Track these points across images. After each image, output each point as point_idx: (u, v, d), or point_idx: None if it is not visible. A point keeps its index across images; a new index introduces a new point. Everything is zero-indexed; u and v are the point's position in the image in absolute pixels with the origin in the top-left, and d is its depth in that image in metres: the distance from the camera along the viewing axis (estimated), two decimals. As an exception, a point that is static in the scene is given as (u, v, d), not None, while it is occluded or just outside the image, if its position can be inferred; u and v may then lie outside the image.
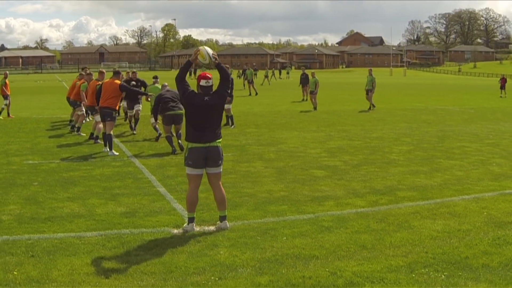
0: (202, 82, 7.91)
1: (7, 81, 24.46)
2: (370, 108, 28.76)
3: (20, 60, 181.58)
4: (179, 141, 14.69)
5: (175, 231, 7.81)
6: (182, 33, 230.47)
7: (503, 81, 46.99)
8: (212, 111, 7.83)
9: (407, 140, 17.42)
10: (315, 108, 28.03)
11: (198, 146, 7.77)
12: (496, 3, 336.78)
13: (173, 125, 14.94)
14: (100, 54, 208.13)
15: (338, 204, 9.48)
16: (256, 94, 40.47)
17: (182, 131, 12.33)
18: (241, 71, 61.38)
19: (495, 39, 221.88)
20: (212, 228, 7.89)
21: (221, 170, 8.15)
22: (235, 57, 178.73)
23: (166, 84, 16.28)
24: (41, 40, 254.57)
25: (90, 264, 6.46)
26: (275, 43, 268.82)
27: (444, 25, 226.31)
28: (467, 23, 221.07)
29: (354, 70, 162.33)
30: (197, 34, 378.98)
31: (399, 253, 6.98)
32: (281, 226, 8.12)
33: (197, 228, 7.82)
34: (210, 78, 7.89)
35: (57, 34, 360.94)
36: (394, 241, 7.45)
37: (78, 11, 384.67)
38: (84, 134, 17.46)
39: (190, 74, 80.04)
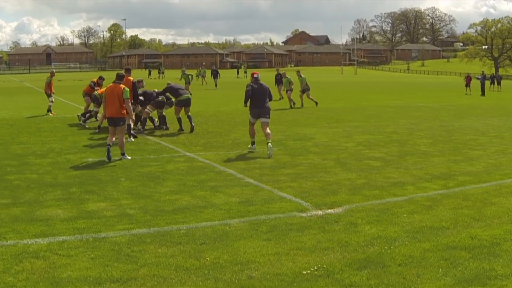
0: (256, 75, 14.67)
1: (52, 80, 25.08)
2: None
3: None
4: (192, 123, 18.64)
5: (303, 214, 8.69)
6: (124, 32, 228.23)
7: (468, 79, 49.08)
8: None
9: (421, 134, 18.59)
10: (292, 106, 29.20)
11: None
12: (437, 3, 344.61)
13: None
14: (47, 55, 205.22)
15: (418, 188, 10.63)
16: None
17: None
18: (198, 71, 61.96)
19: (441, 37, 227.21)
20: (331, 211, 8.89)
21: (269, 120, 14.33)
22: (184, 57, 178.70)
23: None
24: None
25: (263, 246, 7.22)
26: (220, 42, 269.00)
27: (390, 24, 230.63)
28: (413, 22, 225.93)
29: (302, 69, 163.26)
30: (139, 34, 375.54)
31: (505, 220, 8.30)
32: (391, 207, 9.17)
33: (320, 212, 8.76)
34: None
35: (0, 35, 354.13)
36: (493, 213, 8.74)
37: (19, 12, 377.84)
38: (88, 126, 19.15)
39: (149, 74, 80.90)
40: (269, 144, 13.79)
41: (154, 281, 5.90)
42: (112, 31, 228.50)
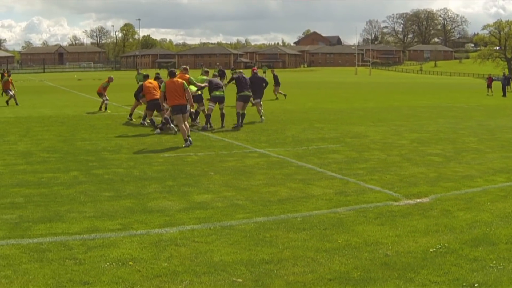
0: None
1: (109, 84, 26.72)
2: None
3: None
4: (223, 122, 19.75)
5: (398, 203, 9.40)
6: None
7: (490, 80, 49.76)
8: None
9: (464, 132, 19.26)
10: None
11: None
12: (447, 3, 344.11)
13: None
14: (59, 55, 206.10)
15: (487, 181, 11.31)
16: None
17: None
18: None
19: (452, 38, 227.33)
20: (420, 200, 9.63)
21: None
22: (198, 57, 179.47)
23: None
24: None
25: (381, 229, 7.94)
26: (230, 42, 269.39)
27: (401, 25, 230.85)
28: (425, 23, 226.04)
29: (316, 69, 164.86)
30: (148, 34, 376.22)
31: None
32: (472, 196, 9.85)
33: (411, 201, 9.57)
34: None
35: (9, 35, 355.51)
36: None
37: (29, 12, 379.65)
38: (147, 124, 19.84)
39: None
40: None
41: (304, 262, 6.49)
42: (124, 31, 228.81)
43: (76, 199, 9.33)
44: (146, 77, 22.24)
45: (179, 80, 15.77)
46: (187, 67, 20.47)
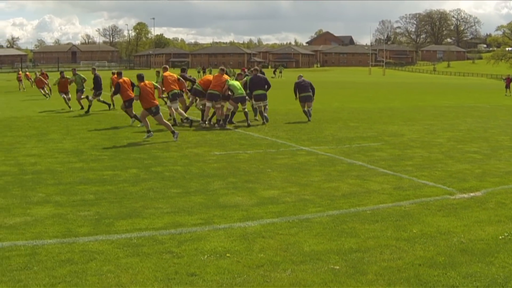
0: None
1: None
2: None
3: None
4: (310, 117, 22.03)
5: (454, 197, 9.93)
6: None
7: (508, 80, 50.08)
8: None
9: (495, 131, 19.69)
10: None
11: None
12: (458, 3, 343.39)
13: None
14: (72, 53, 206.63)
15: (538, 175, 11.74)
16: None
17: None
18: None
19: (465, 39, 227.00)
20: (473, 194, 10.09)
21: None
22: (211, 56, 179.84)
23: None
24: (12, 38, 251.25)
25: (448, 220, 8.39)
26: (242, 42, 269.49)
27: (414, 25, 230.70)
28: (438, 23, 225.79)
29: (330, 69, 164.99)
30: (160, 33, 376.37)
31: None
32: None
33: (465, 195, 10.07)
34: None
35: (21, 33, 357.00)
36: None
37: (41, 10, 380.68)
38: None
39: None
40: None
41: (390, 249, 6.95)
42: (137, 30, 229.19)
43: (147, 196, 9.67)
44: (119, 74, 22.87)
45: (151, 82, 16.70)
46: (224, 68, 21.06)
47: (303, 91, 22.36)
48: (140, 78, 16.97)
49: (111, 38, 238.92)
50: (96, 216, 8.31)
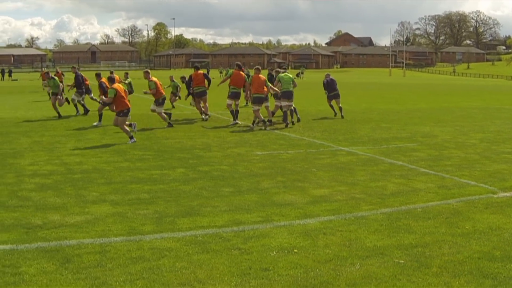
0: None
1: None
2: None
3: (12, 58, 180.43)
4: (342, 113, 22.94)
5: (497, 195, 10.16)
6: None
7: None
8: None
9: (526, 133, 19.93)
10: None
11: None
12: (476, 3, 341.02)
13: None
14: (92, 53, 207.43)
15: None
16: None
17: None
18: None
19: (484, 40, 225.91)
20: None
21: None
22: (231, 57, 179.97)
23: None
24: (31, 38, 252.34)
25: (497, 218, 8.66)
26: (261, 42, 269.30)
27: (433, 27, 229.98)
28: (457, 25, 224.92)
29: (349, 70, 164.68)
30: (178, 33, 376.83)
31: None
32: None
33: (507, 194, 10.33)
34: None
35: (39, 33, 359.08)
36: None
37: (59, 10, 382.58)
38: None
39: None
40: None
41: (447, 244, 7.29)
42: (156, 30, 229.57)
43: (201, 195, 9.94)
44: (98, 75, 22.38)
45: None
46: (260, 68, 21.55)
47: (333, 89, 23.58)
48: (111, 80, 17.36)
49: (131, 38, 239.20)
50: (156, 215, 8.58)
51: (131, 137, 16.21)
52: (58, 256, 6.70)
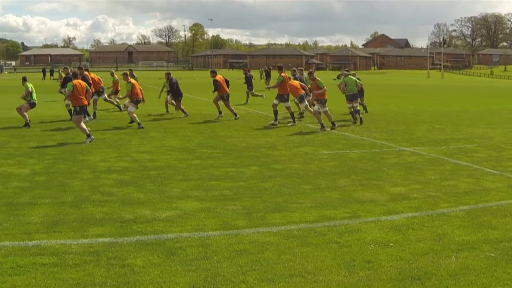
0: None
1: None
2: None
3: (49, 58, 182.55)
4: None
5: None
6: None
7: None
8: None
9: None
10: None
11: None
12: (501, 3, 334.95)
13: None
14: (129, 53, 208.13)
15: None
16: None
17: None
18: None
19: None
20: None
21: None
22: (269, 58, 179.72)
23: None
24: (68, 38, 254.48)
25: None
26: (300, 43, 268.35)
27: (470, 28, 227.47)
28: (493, 27, 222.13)
29: (387, 72, 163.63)
30: (217, 34, 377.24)
31: None
32: None
33: None
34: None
35: (75, 33, 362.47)
36: None
37: (94, 10, 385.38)
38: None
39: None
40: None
41: None
42: (193, 31, 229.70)
43: (282, 192, 10.21)
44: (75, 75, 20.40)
45: (83, 82, 16.90)
46: (302, 68, 22.39)
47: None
48: (75, 75, 17.58)
49: (167, 39, 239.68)
50: (245, 210, 8.85)
51: (88, 136, 16.19)
52: (161, 249, 6.96)
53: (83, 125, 16.40)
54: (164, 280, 6.00)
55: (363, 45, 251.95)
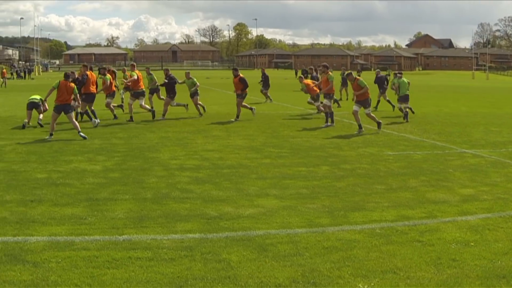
0: None
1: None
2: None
3: (93, 57, 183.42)
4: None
5: None
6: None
7: None
8: None
9: None
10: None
11: None
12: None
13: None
14: (173, 53, 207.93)
15: None
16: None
17: None
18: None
19: None
20: None
21: None
22: (315, 58, 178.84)
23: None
24: (112, 37, 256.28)
25: None
26: (343, 43, 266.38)
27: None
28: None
29: (431, 72, 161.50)
30: (261, 33, 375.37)
31: None
32: None
33: None
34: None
35: (117, 32, 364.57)
36: None
37: (136, 10, 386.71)
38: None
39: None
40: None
41: None
42: (237, 31, 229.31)
43: (357, 191, 10.44)
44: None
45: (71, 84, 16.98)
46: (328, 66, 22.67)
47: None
48: (66, 76, 17.49)
49: (211, 38, 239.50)
50: (326, 209, 9.07)
51: (51, 134, 16.64)
52: (252, 245, 7.16)
53: (53, 123, 16.93)
54: (263, 275, 6.20)
55: (406, 45, 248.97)
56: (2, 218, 8.30)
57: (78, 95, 17.40)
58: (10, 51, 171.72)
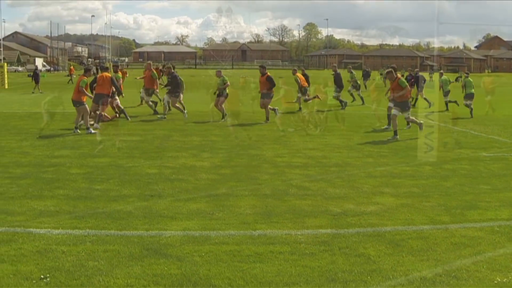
0: None
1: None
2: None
3: (162, 55, 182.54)
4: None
5: None
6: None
7: None
8: None
9: None
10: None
11: None
12: None
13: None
14: (242, 52, 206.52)
15: None
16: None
17: None
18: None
19: None
20: None
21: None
22: (385, 59, 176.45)
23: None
24: (181, 36, 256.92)
25: None
26: (413, 44, 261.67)
27: None
28: None
29: (502, 75, 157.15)
30: (331, 34, 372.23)
31: None
32: None
33: None
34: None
35: (186, 31, 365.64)
36: None
37: (204, 9, 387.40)
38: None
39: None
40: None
41: None
42: (307, 30, 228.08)
43: (465, 191, 10.49)
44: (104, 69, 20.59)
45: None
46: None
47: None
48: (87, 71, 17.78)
49: (281, 38, 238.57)
50: (442, 207, 9.21)
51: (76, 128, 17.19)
52: (385, 240, 7.31)
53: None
54: (406, 268, 6.35)
55: (475, 47, 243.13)
56: (128, 212, 8.43)
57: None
58: (79, 49, 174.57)
